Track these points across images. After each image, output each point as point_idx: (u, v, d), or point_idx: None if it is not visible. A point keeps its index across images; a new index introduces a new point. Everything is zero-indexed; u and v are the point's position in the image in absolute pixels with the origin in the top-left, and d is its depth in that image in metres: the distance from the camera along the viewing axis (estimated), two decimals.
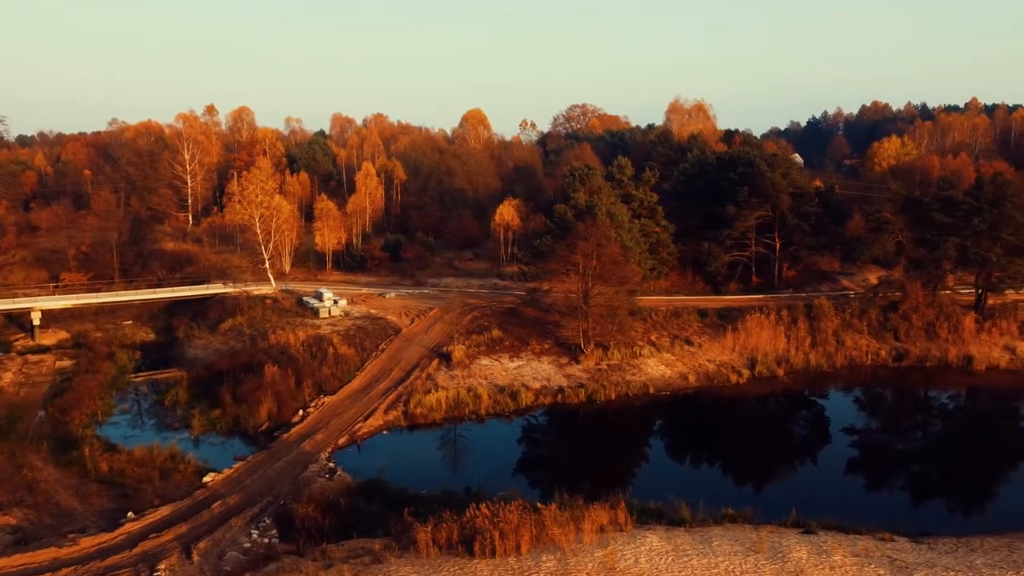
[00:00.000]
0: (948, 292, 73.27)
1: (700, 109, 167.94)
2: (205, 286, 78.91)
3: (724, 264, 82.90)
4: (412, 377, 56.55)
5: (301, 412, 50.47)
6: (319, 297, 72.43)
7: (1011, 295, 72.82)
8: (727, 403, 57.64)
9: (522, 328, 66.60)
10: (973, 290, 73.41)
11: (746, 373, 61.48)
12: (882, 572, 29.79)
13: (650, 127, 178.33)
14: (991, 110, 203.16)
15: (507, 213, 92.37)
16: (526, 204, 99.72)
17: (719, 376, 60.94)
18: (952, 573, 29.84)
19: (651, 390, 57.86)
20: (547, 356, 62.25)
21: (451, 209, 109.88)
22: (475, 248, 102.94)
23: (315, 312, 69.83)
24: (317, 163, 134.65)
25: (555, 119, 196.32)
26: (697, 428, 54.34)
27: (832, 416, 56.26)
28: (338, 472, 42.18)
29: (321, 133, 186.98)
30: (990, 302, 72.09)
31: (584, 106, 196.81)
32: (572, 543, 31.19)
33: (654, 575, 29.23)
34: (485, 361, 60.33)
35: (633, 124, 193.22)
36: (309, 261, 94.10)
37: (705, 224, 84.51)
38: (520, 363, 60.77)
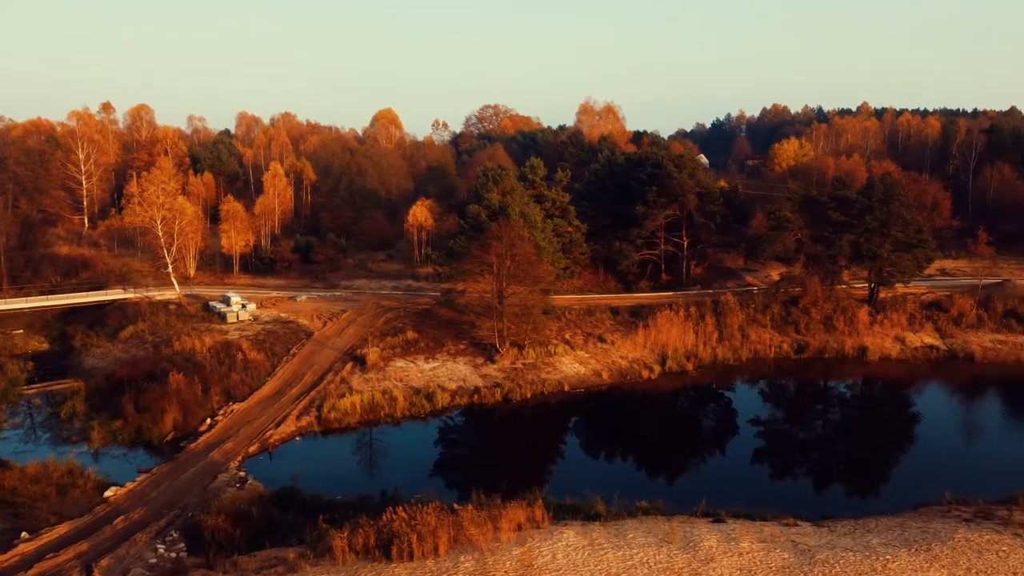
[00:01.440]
0: (844, 287, 77.00)
1: (610, 111, 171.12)
2: (103, 292, 75.24)
3: (635, 262, 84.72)
4: (325, 381, 55.50)
5: (209, 420, 48.81)
6: (226, 301, 70.21)
7: (900, 288, 77.16)
8: (640, 398, 58.90)
9: (437, 329, 66.34)
10: (866, 284, 77.37)
11: (657, 369, 62.99)
12: (786, 556, 31.08)
13: (561, 128, 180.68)
14: (880, 114, 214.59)
15: (420, 214, 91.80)
16: (439, 204, 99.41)
17: (632, 372, 62.21)
18: (850, 554, 31.39)
19: (566, 388, 58.58)
20: (463, 357, 62.20)
21: (363, 210, 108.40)
22: (388, 249, 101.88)
23: (222, 317, 67.66)
24: (222, 163, 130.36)
25: (467, 119, 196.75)
26: (611, 424, 55.30)
27: (739, 408, 58.25)
28: (249, 481, 41.00)
29: (226, 132, 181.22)
30: (882, 295, 76.18)
31: (496, 107, 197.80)
32: (490, 542, 31.31)
33: (571, 570, 29.63)
34: (400, 363, 59.79)
35: (545, 125, 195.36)
36: (215, 264, 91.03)
37: (616, 223, 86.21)
38: (436, 364, 60.51)
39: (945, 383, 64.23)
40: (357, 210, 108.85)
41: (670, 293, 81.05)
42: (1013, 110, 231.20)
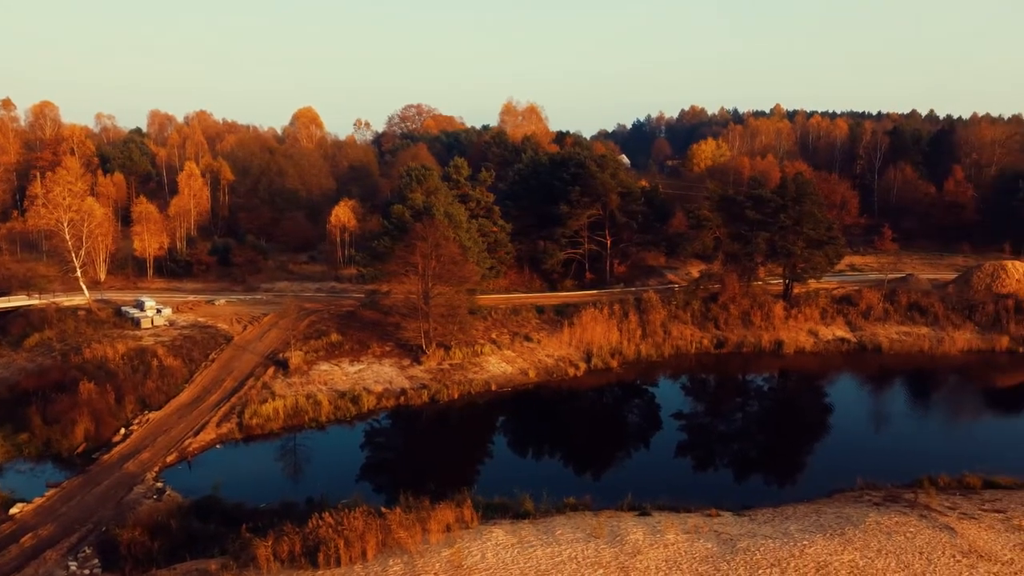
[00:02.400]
0: (760, 283, 79.57)
1: (532, 111, 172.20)
2: (5, 299, 71.37)
3: (559, 261, 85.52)
4: (246, 387, 54.07)
5: (123, 431, 46.91)
6: (140, 306, 67.56)
7: (813, 284, 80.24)
8: (566, 396, 59.49)
9: (362, 331, 65.48)
10: (781, 280, 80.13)
11: (583, 366, 63.74)
12: (710, 546, 31.88)
13: (485, 128, 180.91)
14: (792, 116, 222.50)
15: (343, 214, 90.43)
16: (362, 205, 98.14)
17: (558, 370, 62.78)
18: (770, 541, 32.43)
19: (493, 387, 58.67)
20: (389, 358, 61.57)
21: (284, 211, 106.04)
22: (310, 251, 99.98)
23: (136, 323, 65.10)
24: (134, 163, 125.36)
25: (390, 119, 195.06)
26: (539, 422, 55.68)
27: (662, 403, 59.48)
28: (167, 492, 39.59)
29: (137, 131, 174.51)
30: (796, 291, 79.03)
31: (419, 106, 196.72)
32: (419, 545, 31.09)
33: (501, 569, 29.68)
34: (324, 366, 58.78)
35: (468, 125, 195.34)
36: (128, 268, 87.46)
37: (540, 223, 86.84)
38: (361, 367, 59.71)
39: (855, 374, 67.08)
40: (277, 211, 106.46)
41: (594, 291, 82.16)
42: (914, 113, 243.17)
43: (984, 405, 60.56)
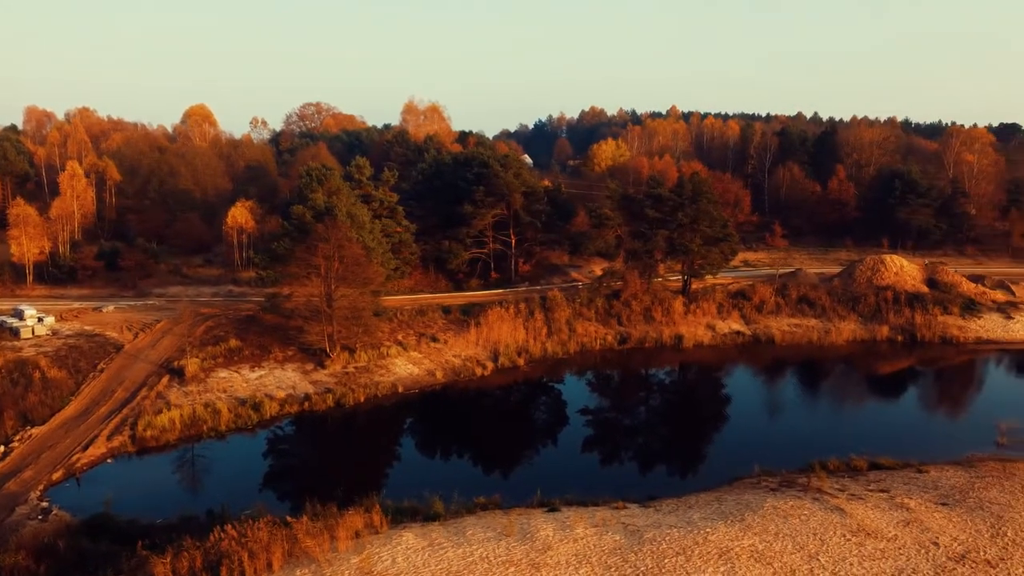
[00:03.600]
0: (660, 279, 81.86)
1: (435, 110, 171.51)
2: None
3: (465, 261, 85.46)
4: (139, 397, 51.54)
5: (2, 448, 43.88)
6: (19, 315, 63.36)
7: (710, 280, 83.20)
8: (474, 395, 59.49)
9: (263, 336, 63.53)
10: (680, 277, 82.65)
11: (490, 365, 63.90)
12: (618, 538, 32.50)
13: (386, 127, 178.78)
14: (688, 117, 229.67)
15: (240, 215, 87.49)
16: (261, 206, 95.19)
17: (465, 370, 62.69)
18: (675, 530, 33.35)
19: (400, 389, 58.06)
20: (291, 363, 60.00)
21: (176, 212, 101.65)
22: (206, 254, 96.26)
23: (14, 332, 61.01)
24: (9, 162, 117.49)
25: (288, 117, 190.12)
26: (447, 422, 55.44)
27: (569, 399, 60.27)
28: (54, 511, 37.27)
29: (12, 128, 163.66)
30: (694, 287, 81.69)
31: (318, 104, 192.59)
32: (327, 553, 30.40)
33: (412, 573, 29.37)
34: (223, 373, 56.71)
35: (369, 124, 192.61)
36: (4, 275, 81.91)
37: (445, 223, 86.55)
38: (262, 372, 57.94)
39: (751, 365, 69.88)
40: (170, 213, 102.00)
41: (500, 291, 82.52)
42: (800, 115, 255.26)
43: (868, 391, 64.17)
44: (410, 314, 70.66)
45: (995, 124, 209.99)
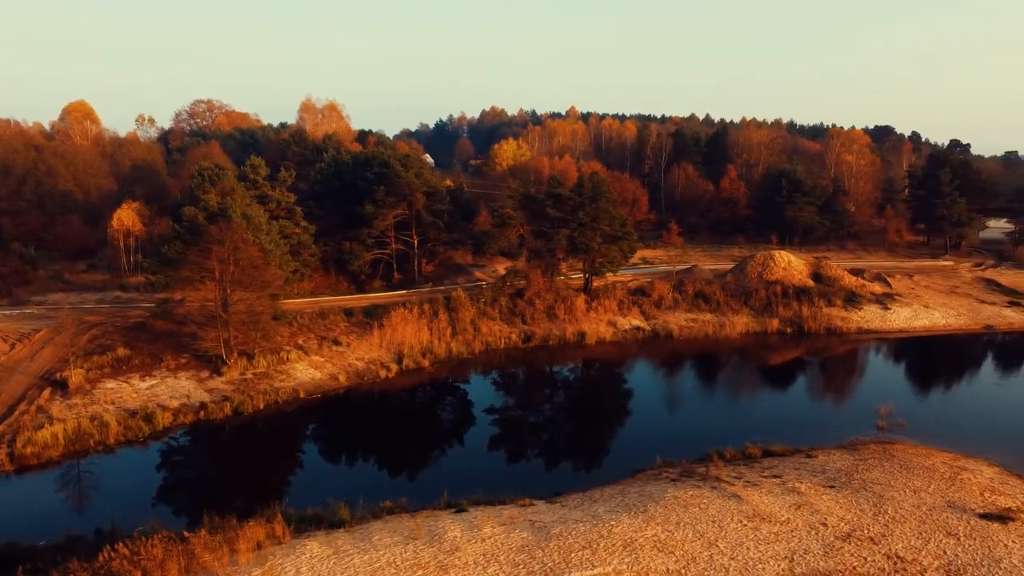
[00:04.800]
0: (563, 278, 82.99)
1: (333, 109, 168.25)
2: None
3: (366, 262, 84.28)
4: (17, 412, 48.28)
5: None
6: None
7: (610, 277, 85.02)
8: (378, 398, 58.71)
9: (154, 343, 60.72)
10: (582, 275, 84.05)
11: (394, 367, 63.21)
12: (525, 535, 32.74)
13: (283, 126, 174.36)
14: (586, 117, 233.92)
15: (127, 218, 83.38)
16: (149, 207, 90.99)
17: (369, 373, 61.79)
18: (581, 524, 33.87)
19: (302, 394, 56.69)
20: (185, 371, 57.59)
21: (56, 215, 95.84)
22: (90, 258, 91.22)
23: None
24: None
25: (177, 115, 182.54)
26: (351, 427, 54.48)
27: (474, 399, 60.30)
28: None
29: None
30: (595, 284, 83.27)
31: (210, 102, 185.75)
32: (226, 567, 29.36)
33: None
34: (111, 384, 53.86)
35: (265, 122, 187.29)
36: None
37: (345, 223, 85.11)
38: (154, 382, 55.37)
39: (651, 360, 71.78)
40: (48, 215, 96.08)
41: (403, 291, 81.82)
42: (693, 116, 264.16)
43: (761, 382, 66.97)
44: (311, 317, 69.07)
45: (871, 126, 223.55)
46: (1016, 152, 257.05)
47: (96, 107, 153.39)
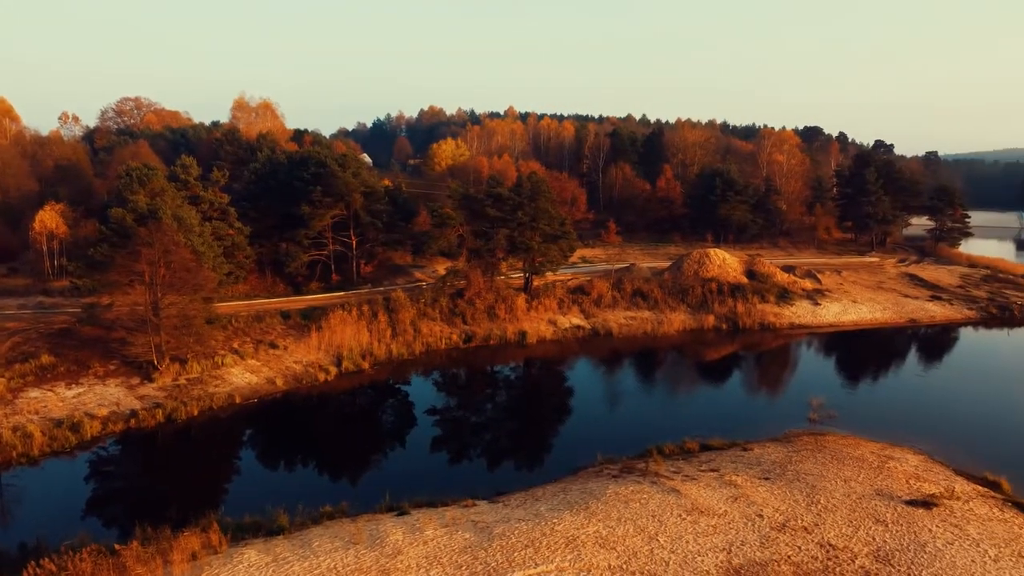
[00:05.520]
0: (503, 277, 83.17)
1: (267, 107, 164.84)
2: None
3: (303, 264, 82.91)
4: None
5: None
6: None
7: (550, 276, 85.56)
8: (317, 402, 57.79)
9: (81, 350, 58.55)
10: (522, 274, 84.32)
11: (333, 370, 62.32)
12: (468, 536, 32.67)
13: (215, 124, 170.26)
14: (525, 117, 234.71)
15: (49, 219, 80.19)
16: (74, 209, 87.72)
17: (307, 376, 60.80)
18: (523, 523, 33.95)
19: (238, 399, 55.42)
20: (114, 378, 55.70)
21: None
22: (10, 262, 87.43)
23: None
24: None
25: (103, 113, 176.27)
26: (290, 431, 53.49)
27: (415, 400, 59.91)
28: None
29: None
30: (535, 284, 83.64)
31: (138, 99, 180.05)
32: None
33: None
34: (35, 393, 51.72)
35: (196, 121, 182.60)
36: None
37: (281, 224, 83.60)
38: (81, 390, 53.39)
39: (591, 358, 72.45)
40: None
41: (341, 293, 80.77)
42: (629, 117, 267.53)
43: (698, 377, 68.25)
44: (246, 320, 67.60)
45: (800, 127, 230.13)
46: (936, 152, 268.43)
47: (16, 105, 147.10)
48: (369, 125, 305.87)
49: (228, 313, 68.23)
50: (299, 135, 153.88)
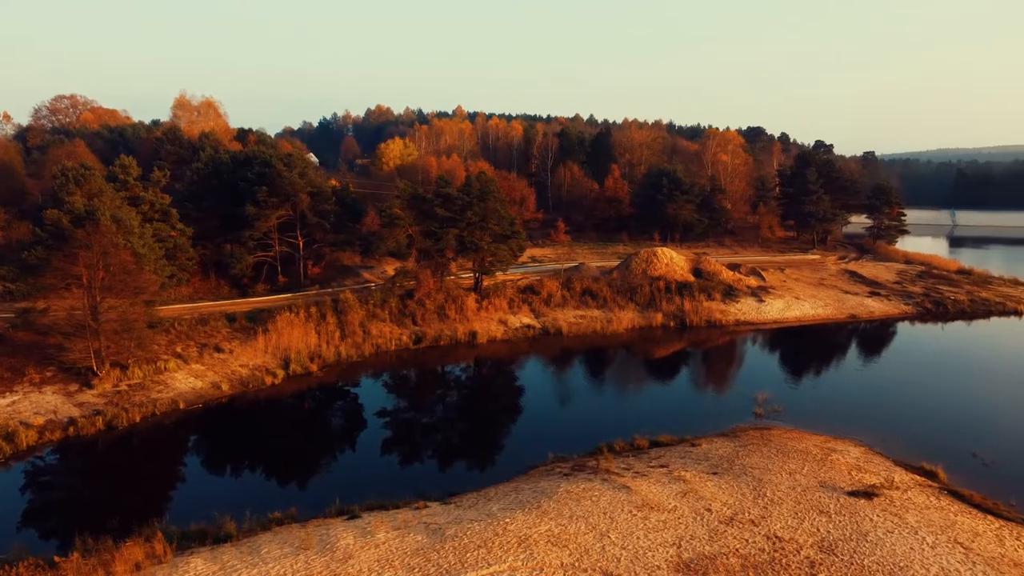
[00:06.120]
0: (453, 277, 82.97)
1: (209, 106, 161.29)
2: None
3: (249, 265, 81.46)
4: None
5: None
6: None
7: (500, 276, 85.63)
8: (264, 406, 56.81)
9: (14, 357, 56.52)
10: (472, 274, 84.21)
11: (281, 373, 61.35)
12: (420, 538, 32.48)
13: (156, 123, 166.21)
14: (473, 117, 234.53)
15: None
16: (6, 211, 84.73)
17: (254, 380, 59.74)
18: (476, 524, 33.90)
19: (182, 405, 54.15)
20: (51, 385, 53.89)
21: None
22: None
23: None
24: None
25: (36, 111, 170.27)
26: (237, 436, 52.46)
27: (365, 402, 59.33)
28: None
29: None
30: (485, 283, 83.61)
31: (73, 97, 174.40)
32: None
33: None
34: None
35: (136, 120, 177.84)
36: None
37: (226, 225, 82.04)
38: (16, 398, 51.53)
39: (541, 357, 72.70)
40: None
41: (289, 295, 79.59)
42: (577, 117, 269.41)
43: (647, 374, 69.05)
44: (190, 324, 66.12)
45: (744, 127, 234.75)
46: (873, 153, 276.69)
47: None
48: (315, 124, 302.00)
49: (171, 316, 66.67)
50: (243, 134, 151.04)
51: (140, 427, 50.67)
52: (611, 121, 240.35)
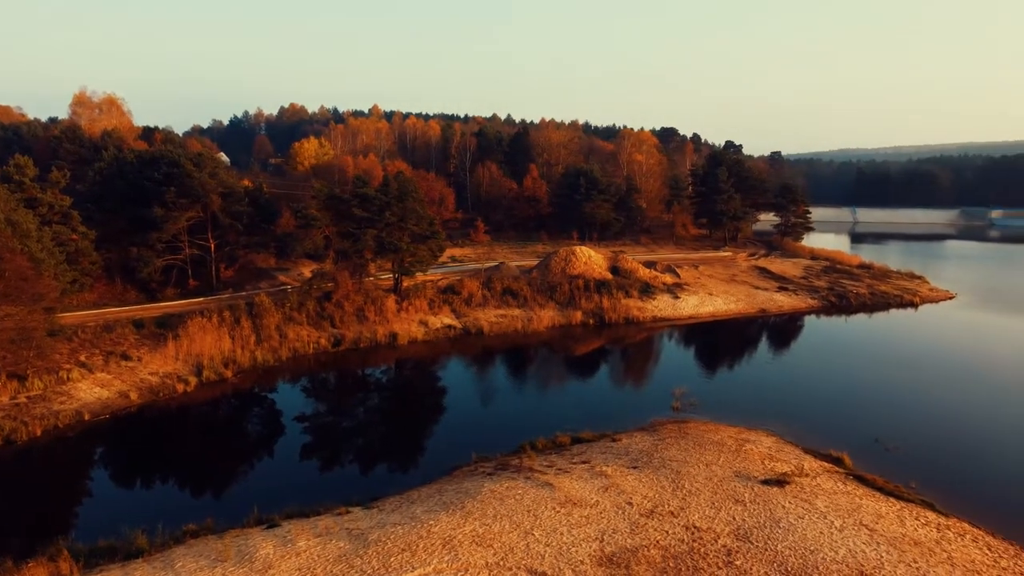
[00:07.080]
0: (372, 279, 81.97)
1: (112, 103, 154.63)
2: None
3: (157, 269, 78.52)
4: None
5: None
6: None
7: (420, 277, 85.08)
8: (176, 414, 54.83)
9: None
10: (391, 275, 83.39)
11: (193, 380, 59.38)
12: (343, 544, 31.98)
13: (53, 121, 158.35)
14: (390, 116, 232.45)
15: None
16: None
17: (164, 388, 57.61)
18: (399, 528, 33.58)
19: (87, 416, 51.72)
20: None
21: None
22: None
23: None
24: None
25: None
26: (147, 447, 50.43)
27: (283, 408, 58.00)
28: None
29: None
30: (405, 284, 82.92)
31: None
32: None
33: None
34: None
35: (31, 117, 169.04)
36: None
37: (132, 228, 78.79)
38: None
39: (463, 357, 72.62)
40: None
41: (200, 299, 77.09)
42: (495, 117, 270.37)
43: (568, 372, 69.83)
44: (95, 331, 63.23)
45: (658, 128, 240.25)
46: (780, 153, 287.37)
47: None
48: (226, 123, 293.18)
49: (74, 324, 63.64)
50: (149, 133, 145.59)
51: (42, 441, 48.17)
52: (528, 121, 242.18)
